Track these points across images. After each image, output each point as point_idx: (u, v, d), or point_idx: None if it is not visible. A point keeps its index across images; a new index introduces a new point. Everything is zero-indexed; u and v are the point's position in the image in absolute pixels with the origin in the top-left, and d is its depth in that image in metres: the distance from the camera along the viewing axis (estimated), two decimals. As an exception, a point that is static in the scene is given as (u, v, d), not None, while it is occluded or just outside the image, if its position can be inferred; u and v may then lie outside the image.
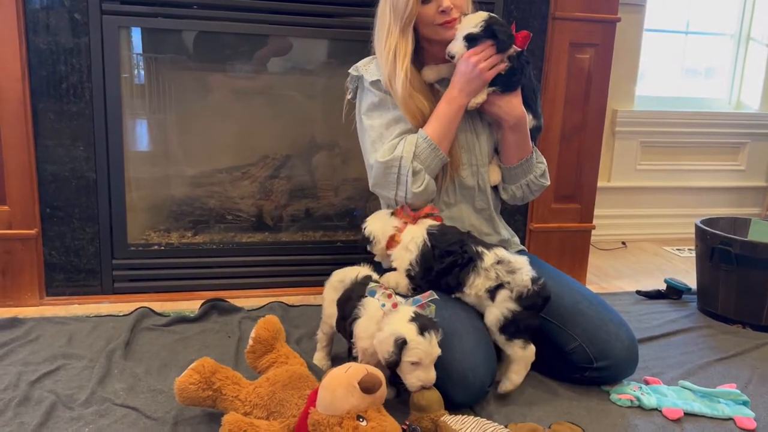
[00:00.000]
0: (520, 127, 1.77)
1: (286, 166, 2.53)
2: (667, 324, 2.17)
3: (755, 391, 1.71)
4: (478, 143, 1.82)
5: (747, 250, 2.11)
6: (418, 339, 1.36)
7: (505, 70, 1.70)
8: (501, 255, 1.60)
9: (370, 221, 1.75)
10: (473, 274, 1.59)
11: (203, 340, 1.91)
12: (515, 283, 1.55)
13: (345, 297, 1.57)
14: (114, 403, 1.52)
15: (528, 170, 1.85)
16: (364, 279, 1.60)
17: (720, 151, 3.52)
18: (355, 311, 1.50)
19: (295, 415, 1.34)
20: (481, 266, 1.58)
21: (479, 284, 1.58)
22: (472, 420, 1.38)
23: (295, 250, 2.42)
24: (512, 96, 1.75)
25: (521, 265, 1.58)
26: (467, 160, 1.81)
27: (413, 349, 1.36)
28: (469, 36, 1.66)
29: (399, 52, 1.69)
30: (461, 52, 1.68)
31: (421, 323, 1.39)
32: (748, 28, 3.48)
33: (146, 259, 2.28)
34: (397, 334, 1.37)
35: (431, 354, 1.38)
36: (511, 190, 1.88)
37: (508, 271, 1.57)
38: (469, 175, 1.82)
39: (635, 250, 3.20)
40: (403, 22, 1.68)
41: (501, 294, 1.56)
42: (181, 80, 2.43)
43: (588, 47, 2.45)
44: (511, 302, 1.55)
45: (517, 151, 1.81)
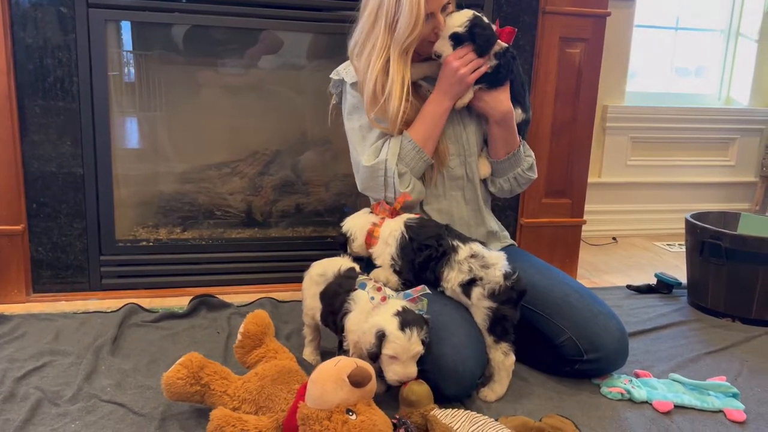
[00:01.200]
0: (506, 122, 1.78)
1: (275, 162, 2.51)
2: (658, 318, 2.18)
3: (745, 384, 1.72)
4: (465, 134, 1.82)
5: (737, 244, 2.11)
6: (397, 333, 1.36)
7: (491, 67, 1.71)
8: (476, 249, 1.59)
9: (348, 220, 1.75)
10: (447, 268, 1.59)
11: (192, 336, 1.89)
12: (487, 279, 1.54)
13: (332, 291, 1.56)
14: (101, 399, 1.50)
15: (516, 164, 1.85)
16: (348, 272, 1.59)
17: (710, 147, 3.53)
18: (345, 305, 1.49)
19: (284, 409, 1.33)
20: (455, 259, 1.58)
21: (453, 278, 1.58)
22: (462, 414, 1.37)
23: (284, 245, 2.41)
24: (499, 92, 1.76)
25: (496, 260, 1.57)
26: (455, 151, 1.81)
27: (391, 343, 1.35)
28: (454, 35, 1.67)
29: (396, 78, 1.65)
30: (447, 51, 1.69)
31: (404, 318, 1.37)
32: (738, 23, 3.50)
33: (134, 255, 2.26)
34: (378, 326, 1.37)
35: (409, 350, 1.36)
36: (499, 183, 1.89)
37: (481, 266, 1.56)
38: (457, 165, 1.82)
39: (626, 245, 3.21)
40: (405, 45, 1.64)
41: (475, 291, 1.56)
42: (171, 77, 2.41)
43: (578, 42, 2.45)
44: (485, 299, 1.54)
45: (504, 145, 1.82)
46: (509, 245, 1.94)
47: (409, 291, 1.46)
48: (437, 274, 1.61)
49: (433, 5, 1.64)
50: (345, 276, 1.58)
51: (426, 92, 1.79)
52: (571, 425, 1.41)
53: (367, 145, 1.76)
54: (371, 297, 1.44)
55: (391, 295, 1.46)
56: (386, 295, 1.45)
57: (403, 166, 1.71)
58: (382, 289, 1.46)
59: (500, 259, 1.58)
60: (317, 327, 1.72)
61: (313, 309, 1.65)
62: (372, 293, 1.45)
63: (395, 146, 1.71)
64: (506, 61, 1.73)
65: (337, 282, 1.57)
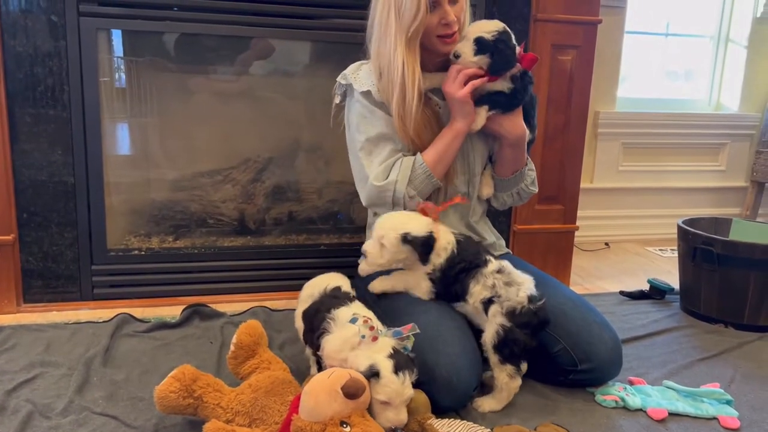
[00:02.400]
0: (519, 144, 1.78)
1: (268, 169, 2.50)
2: (651, 324, 2.18)
3: (738, 390, 1.72)
4: (473, 153, 1.81)
5: (729, 250, 2.12)
6: (391, 377, 1.30)
7: (508, 91, 1.69)
8: (504, 265, 1.57)
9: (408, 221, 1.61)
10: (473, 281, 1.56)
11: (185, 346, 1.88)
12: (507, 297, 1.52)
13: (313, 310, 1.52)
14: (93, 411, 1.49)
15: (520, 180, 1.86)
16: (333, 291, 1.56)
17: (700, 152, 3.55)
18: (324, 324, 1.44)
19: (278, 422, 1.32)
20: (482, 272, 1.56)
21: (477, 292, 1.55)
22: (458, 423, 1.37)
23: (278, 253, 2.40)
24: (514, 114, 1.75)
25: (522, 281, 1.55)
26: (461, 169, 1.80)
27: (384, 387, 1.29)
28: (479, 40, 1.64)
29: (407, 68, 1.64)
30: (468, 53, 1.65)
31: (398, 361, 1.32)
32: (727, 29, 3.52)
33: (126, 264, 2.25)
34: (374, 362, 1.31)
35: (402, 394, 1.31)
36: (502, 198, 1.91)
37: (505, 283, 1.53)
38: (462, 183, 1.82)
39: (618, 251, 3.22)
40: (410, 32, 1.63)
41: (492, 308, 1.53)
42: (162, 83, 2.40)
43: (570, 49, 2.46)
44: (502, 317, 1.51)
45: (513, 164, 1.83)
46: (504, 254, 1.94)
47: (399, 329, 1.40)
48: (464, 286, 1.58)
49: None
50: (329, 295, 1.55)
51: (435, 104, 1.77)
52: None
53: (376, 161, 1.73)
54: (362, 335, 1.36)
55: (381, 331, 1.39)
56: (377, 336, 1.37)
57: (411, 189, 1.69)
58: (374, 329, 1.37)
59: (528, 282, 1.56)
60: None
61: (297, 326, 1.62)
62: (363, 331, 1.36)
63: (407, 168, 1.69)
64: (523, 85, 1.71)
65: (319, 301, 1.54)
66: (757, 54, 3.47)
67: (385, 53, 1.67)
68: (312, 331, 1.50)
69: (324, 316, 1.46)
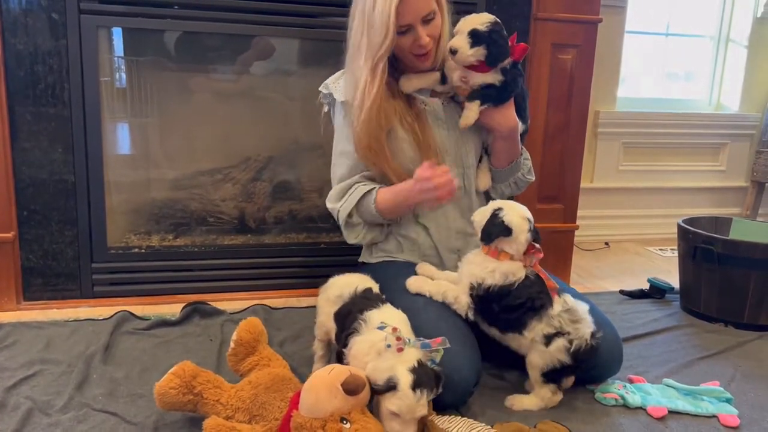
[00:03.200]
0: (512, 136, 1.80)
1: (268, 168, 2.51)
2: (651, 323, 2.18)
3: (738, 389, 1.72)
4: (465, 147, 1.82)
5: (729, 249, 2.12)
6: (407, 392, 1.26)
7: (499, 83, 1.69)
8: (569, 302, 1.53)
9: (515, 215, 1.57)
10: (536, 320, 1.51)
11: (184, 344, 1.88)
12: (575, 335, 1.49)
13: (345, 311, 1.51)
14: (93, 408, 1.49)
15: (516, 170, 1.88)
16: (364, 292, 1.54)
17: (701, 152, 3.55)
18: (354, 324, 1.44)
19: (278, 418, 1.32)
20: (548, 313, 1.51)
21: (540, 329, 1.51)
22: (459, 420, 1.37)
23: (278, 252, 2.40)
24: (506, 107, 1.76)
25: (584, 314, 1.53)
26: (454, 163, 1.81)
27: (398, 400, 1.26)
28: (474, 32, 1.63)
29: (367, 91, 1.65)
30: (464, 47, 1.64)
31: (419, 378, 1.28)
32: (728, 29, 3.53)
33: (126, 262, 2.25)
34: (394, 374, 1.28)
35: (414, 411, 1.27)
36: (500, 189, 1.92)
37: (571, 320, 1.51)
38: (455, 176, 1.79)
39: (618, 251, 3.22)
40: (376, 58, 1.64)
41: (557, 343, 1.49)
42: (163, 83, 2.40)
43: (570, 48, 2.46)
44: (566, 355, 1.49)
45: (507, 155, 1.84)
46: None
47: (428, 341, 1.36)
48: (522, 322, 1.52)
49: (410, 17, 1.63)
50: (361, 296, 1.53)
51: (420, 105, 1.79)
52: (566, 430, 1.41)
53: (336, 176, 1.82)
54: (387, 344, 1.33)
55: (409, 340, 1.36)
56: (403, 347, 1.33)
57: (358, 217, 1.78)
58: (401, 339, 1.34)
59: (587, 313, 1.54)
60: (329, 343, 1.67)
61: (327, 327, 1.60)
62: (390, 340, 1.33)
63: (353, 200, 1.75)
64: (513, 77, 1.71)
65: (351, 302, 1.53)
66: (757, 54, 3.47)
67: (356, 72, 1.69)
68: (342, 331, 1.49)
69: (356, 316, 1.45)
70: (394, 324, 1.41)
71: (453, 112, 1.82)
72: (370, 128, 1.68)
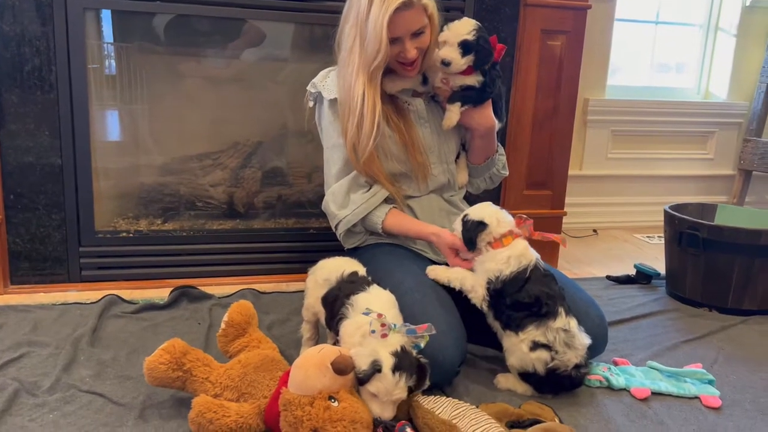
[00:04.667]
0: (489, 135, 1.86)
1: (257, 153, 2.50)
2: (637, 307, 2.20)
3: (720, 371, 1.74)
4: (447, 144, 1.88)
5: (714, 235, 2.14)
6: (387, 373, 1.28)
7: (479, 84, 1.74)
8: (572, 326, 1.53)
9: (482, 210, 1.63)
10: (534, 326, 1.52)
11: (173, 327, 1.88)
12: (561, 357, 1.50)
13: (332, 296, 1.52)
14: (80, 389, 1.49)
15: (492, 165, 1.95)
16: (350, 276, 1.55)
17: (689, 140, 3.57)
18: (342, 310, 1.45)
19: (266, 396, 1.33)
20: (549, 324, 1.51)
21: (533, 335, 1.51)
22: (444, 400, 1.38)
23: (266, 237, 2.40)
24: (484, 108, 1.81)
25: (580, 347, 1.53)
26: (437, 159, 1.86)
27: (377, 381, 1.28)
28: (464, 43, 1.67)
29: (368, 101, 1.67)
30: (457, 59, 1.68)
31: (400, 362, 1.29)
32: (717, 18, 3.54)
33: (114, 246, 2.24)
34: (377, 357, 1.29)
35: (391, 393, 1.28)
36: (476, 183, 2.00)
37: (566, 342, 1.51)
38: (440, 172, 1.88)
39: (606, 238, 3.24)
40: (372, 68, 1.66)
41: (540, 353, 1.50)
42: (152, 68, 2.39)
43: (559, 34, 2.47)
44: (542, 367, 1.50)
45: (484, 152, 1.91)
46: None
47: (413, 327, 1.36)
48: (521, 324, 1.53)
49: (400, 31, 1.65)
50: (347, 281, 1.54)
51: (404, 104, 1.83)
52: (550, 411, 1.43)
53: (332, 171, 1.82)
54: (372, 330, 1.33)
55: (394, 325, 1.36)
56: (387, 333, 1.33)
57: (361, 227, 1.81)
58: (386, 325, 1.34)
59: (583, 349, 1.54)
60: (316, 324, 1.68)
61: (315, 309, 1.61)
62: (374, 326, 1.34)
63: (361, 212, 1.77)
64: (492, 78, 1.76)
65: (337, 287, 1.53)
66: (745, 43, 3.49)
67: (347, 77, 1.70)
68: (332, 318, 1.50)
69: (343, 301, 1.46)
70: (380, 306, 1.42)
71: (435, 110, 1.87)
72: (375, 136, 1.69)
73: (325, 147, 1.87)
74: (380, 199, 1.78)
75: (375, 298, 1.47)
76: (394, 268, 1.72)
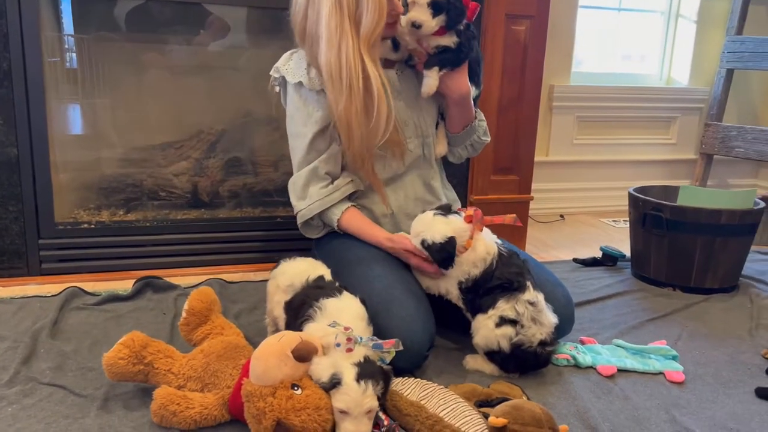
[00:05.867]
0: (464, 102, 1.80)
1: (222, 141, 2.46)
2: (603, 289, 2.23)
3: (684, 347, 1.78)
4: (422, 115, 1.82)
5: (677, 215, 2.18)
6: (352, 384, 1.20)
7: (454, 45, 1.68)
8: (539, 299, 1.54)
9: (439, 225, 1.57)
10: (504, 300, 1.51)
11: (137, 318, 1.84)
12: (526, 333, 1.50)
13: (299, 302, 1.46)
14: (40, 382, 1.45)
15: (472, 132, 1.89)
16: (316, 281, 1.50)
17: (652, 126, 3.63)
18: (309, 311, 1.40)
19: (230, 386, 1.31)
20: (518, 297, 1.51)
21: (501, 309, 1.51)
22: (412, 381, 1.38)
23: (232, 226, 2.36)
24: (459, 73, 1.74)
25: (547, 323, 1.53)
26: (413, 133, 1.81)
27: (343, 395, 1.20)
28: (434, 3, 1.61)
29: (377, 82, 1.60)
30: (428, 20, 1.62)
31: (363, 370, 1.22)
32: (677, 5, 3.59)
33: (75, 238, 2.19)
34: (337, 370, 1.23)
35: (362, 404, 1.20)
36: (458, 152, 1.94)
37: (532, 317, 1.51)
38: (416, 146, 1.83)
39: (573, 222, 3.28)
40: (373, 39, 1.59)
41: (506, 329, 1.50)
42: (113, 59, 2.34)
43: (523, 19, 2.47)
44: (507, 343, 1.50)
45: (461, 120, 1.84)
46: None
47: (380, 342, 1.30)
48: (494, 302, 1.53)
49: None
50: (313, 286, 1.49)
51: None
52: (519, 390, 1.43)
53: (294, 160, 1.78)
54: (337, 344, 1.27)
55: (360, 339, 1.29)
56: (353, 348, 1.26)
57: (318, 221, 1.79)
58: (352, 339, 1.27)
59: (550, 325, 1.54)
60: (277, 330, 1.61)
61: (274, 315, 1.57)
62: (340, 339, 1.27)
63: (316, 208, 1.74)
64: (467, 39, 1.70)
65: (304, 292, 1.48)
66: (705, 29, 3.55)
67: (340, 62, 1.59)
68: (296, 319, 1.44)
69: (311, 304, 1.41)
70: (350, 317, 1.36)
71: (409, 81, 1.82)
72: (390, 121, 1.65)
73: (290, 134, 1.81)
74: (338, 197, 1.75)
75: (346, 307, 1.40)
76: (362, 255, 1.71)
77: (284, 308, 1.52)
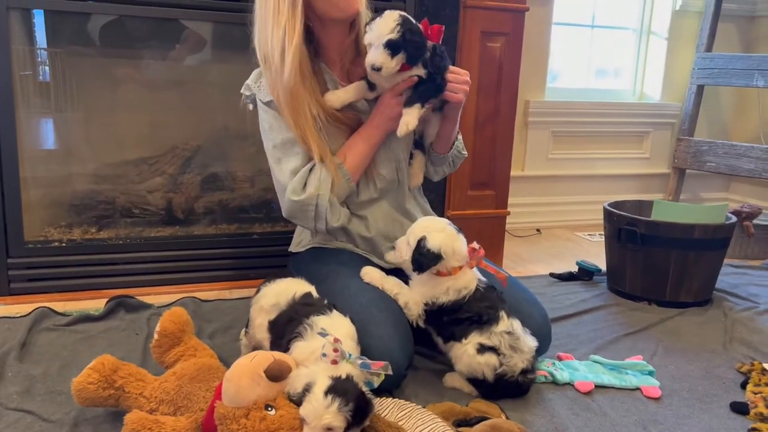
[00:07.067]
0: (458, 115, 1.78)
1: (197, 157, 2.44)
2: (579, 303, 2.24)
3: (660, 362, 1.79)
4: (396, 140, 1.75)
5: (651, 230, 2.20)
6: (318, 394, 1.17)
7: (426, 76, 1.62)
8: (515, 328, 1.53)
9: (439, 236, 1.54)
10: (477, 333, 1.51)
11: (109, 339, 1.80)
12: (508, 362, 1.49)
13: (286, 319, 1.43)
14: (6, 407, 1.41)
15: (455, 149, 1.89)
16: (303, 298, 1.48)
17: (626, 140, 3.68)
18: (298, 329, 1.37)
19: (203, 408, 1.28)
20: (491, 329, 1.50)
21: (476, 340, 1.51)
22: (390, 401, 1.37)
23: (207, 243, 2.34)
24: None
25: (527, 350, 1.52)
26: (385, 156, 1.77)
27: (306, 403, 1.18)
28: (390, 43, 1.53)
29: (288, 33, 1.58)
30: (387, 62, 1.55)
31: (336, 385, 1.18)
32: (649, 22, 3.66)
33: (46, 257, 2.14)
34: (311, 379, 1.21)
35: (320, 417, 1.15)
36: (442, 170, 1.93)
37: (511, 345, 1.50)
38: (389, 171, 1.78)
39: (549, 237, 3.30)
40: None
41: (488, 356, 1.49)
42: (86, 73, 2.31)
43: (499, 36, 2.50)
44: (491, 372, 1.49)
45: (451, 137, 1.83)
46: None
47: (368, 362, 1.29)
48: (465, 333, 1.52)
49: None
50: (300, 303, 1.46)
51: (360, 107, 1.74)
52: (497, 409, 1.43)
53: (286, 169, 1.67)
54: (323, 353, 1.25)
55: (349, 355, 1.28)
56: (338, 360, 1.26)
57: (333, 195, 1.67)
58: (339, 351, 1.26)
59: (532, 351, 1.53)
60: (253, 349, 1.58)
61: (257, 339, 1.54)
62: (327, 349, 1.25)
63: (327, 180, 1.65)
64: (435, 66, 1.63)
65: (291, 309, 1.45)
66: (676, 46, 3.62)
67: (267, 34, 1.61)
68: (281, 337, 1.41)
69: (301, 320, 1.38)
70: (341, 337, 1.32)
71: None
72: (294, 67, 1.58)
73: (271, 146, 1.71)
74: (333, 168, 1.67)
75: (337, 326, 1.39)
76: (339, 272, 1.69)
77: (268, 327, 1.48)
